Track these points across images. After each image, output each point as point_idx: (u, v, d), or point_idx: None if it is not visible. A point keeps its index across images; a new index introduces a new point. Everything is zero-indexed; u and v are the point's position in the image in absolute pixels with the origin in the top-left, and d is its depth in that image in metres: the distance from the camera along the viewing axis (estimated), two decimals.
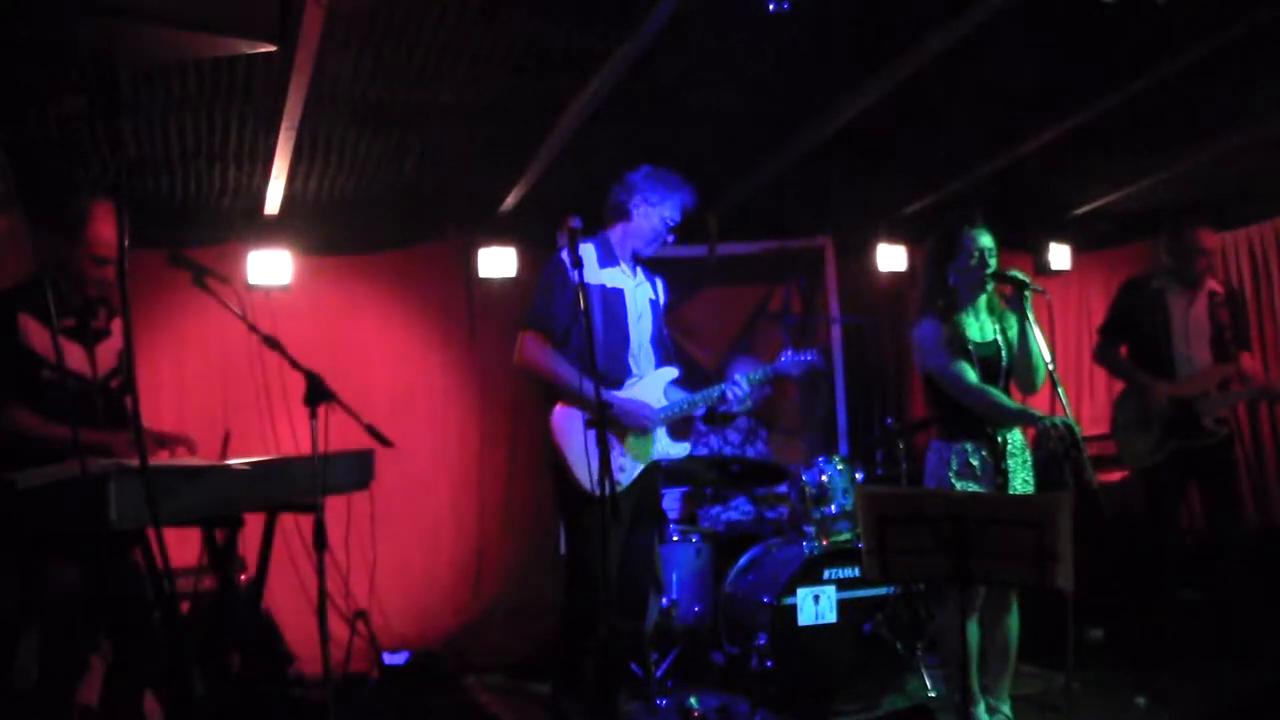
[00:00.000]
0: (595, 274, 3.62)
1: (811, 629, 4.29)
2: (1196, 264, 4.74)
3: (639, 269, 3.82)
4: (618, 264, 3.71)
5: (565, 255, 3.59)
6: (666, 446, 3.71)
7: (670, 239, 3.79)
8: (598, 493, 3.45)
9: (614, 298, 3.65)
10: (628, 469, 3.58)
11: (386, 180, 5.29)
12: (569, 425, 3.55)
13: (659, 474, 3.79)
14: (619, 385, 3.62)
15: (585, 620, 3.53)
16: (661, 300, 3.92)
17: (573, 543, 3.64)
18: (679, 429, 3.82)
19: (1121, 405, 4.91)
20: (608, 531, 3.19)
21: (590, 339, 3.16)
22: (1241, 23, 4.08)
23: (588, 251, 3.63)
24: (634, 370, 3.69)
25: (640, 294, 3.78)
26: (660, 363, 3.79)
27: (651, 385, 3.71)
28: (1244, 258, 6.36)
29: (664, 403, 3.71)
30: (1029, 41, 4.24)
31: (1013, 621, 3.75)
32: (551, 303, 3.61)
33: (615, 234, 3.76)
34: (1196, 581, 4.90)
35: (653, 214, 3.71)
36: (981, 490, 3.62)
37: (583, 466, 3.50)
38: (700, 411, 3.82)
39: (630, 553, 3.65)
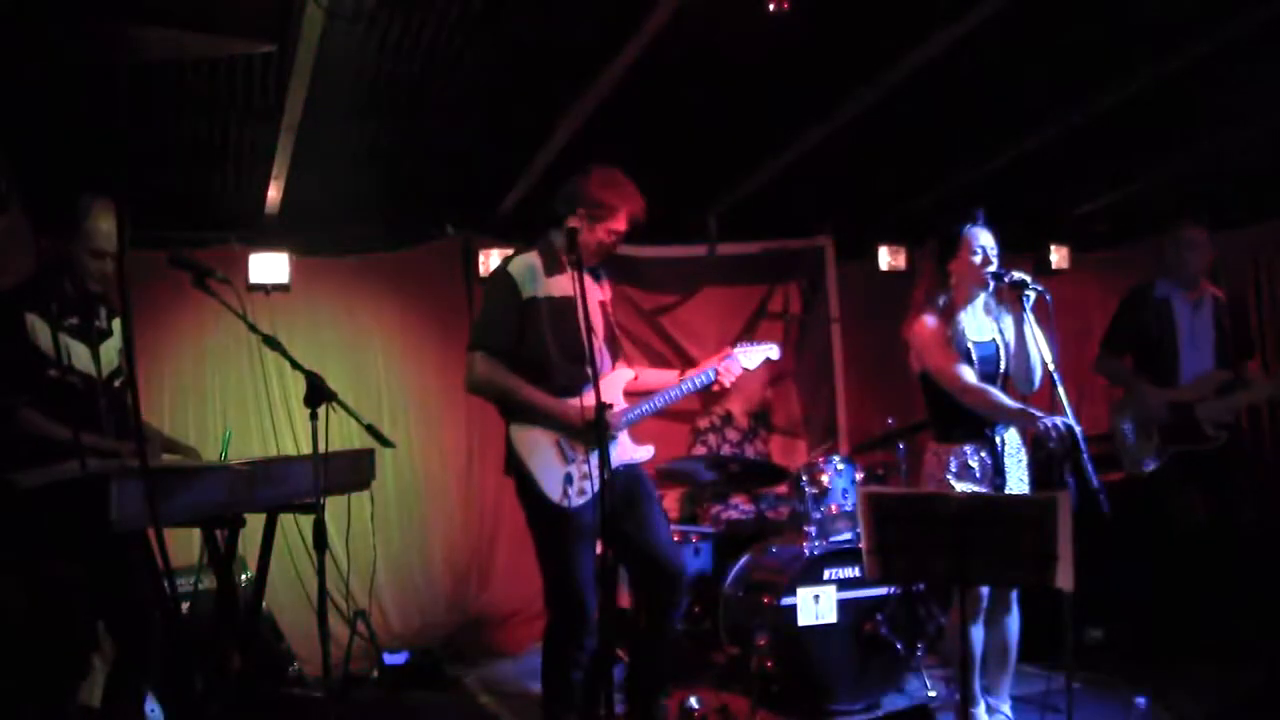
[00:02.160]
0: (542, 284, 3.51)
1: (811, 629, 4.29)
2: (1193, 261, 4.75)
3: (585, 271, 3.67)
4: (565, 271, 3.54)
5: (513, 267, 3.53)
6: (630, 451, 3.64)
7: (616, 250, 3.65)
8: (567, 505, 3.43)
9: (563, 306, 3.50)
10: (593, 478, 3.48)
11: (387, 180, 5.29)
12: (529, 439, 3.50)
13: (634, 475, 3.68)
14: (577, 394, 3.48)
15: (569, 633, 3.49)
16: (609, 298, 3.81)
17: (546, 557, 3.55)
18: (639, 432, 3.77)
19: (1121, 411, 4.91)
20: (610, 540, 3.15)
21: (590, 346, 3.11)
22: (1241, 22, 4.08)
23: (527, 262, 3.54)
24: (593, 374, 3.60)
25: (592, 295, 3.62)
26: (614, 363, 3.71)
27: (609, 388, 3.61)
28: (1245, 258, 6.34)
29: (623, 404, 3.64)
30: (1029, 41, 4.25)
31: (1012, 622, 3.75)
32: (496, 318, 3.51)
33: (559, 241, 3.58)
34: (1196, 581, 4.89)
35: (597, 229, 3.54)
36: (980, 491, 3.62)
37: (549, 478, 3.46)
38: (669, 399, 3.74)
39: (650, 529, 3.61)
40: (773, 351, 3.94)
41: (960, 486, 3.63)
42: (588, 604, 3.42)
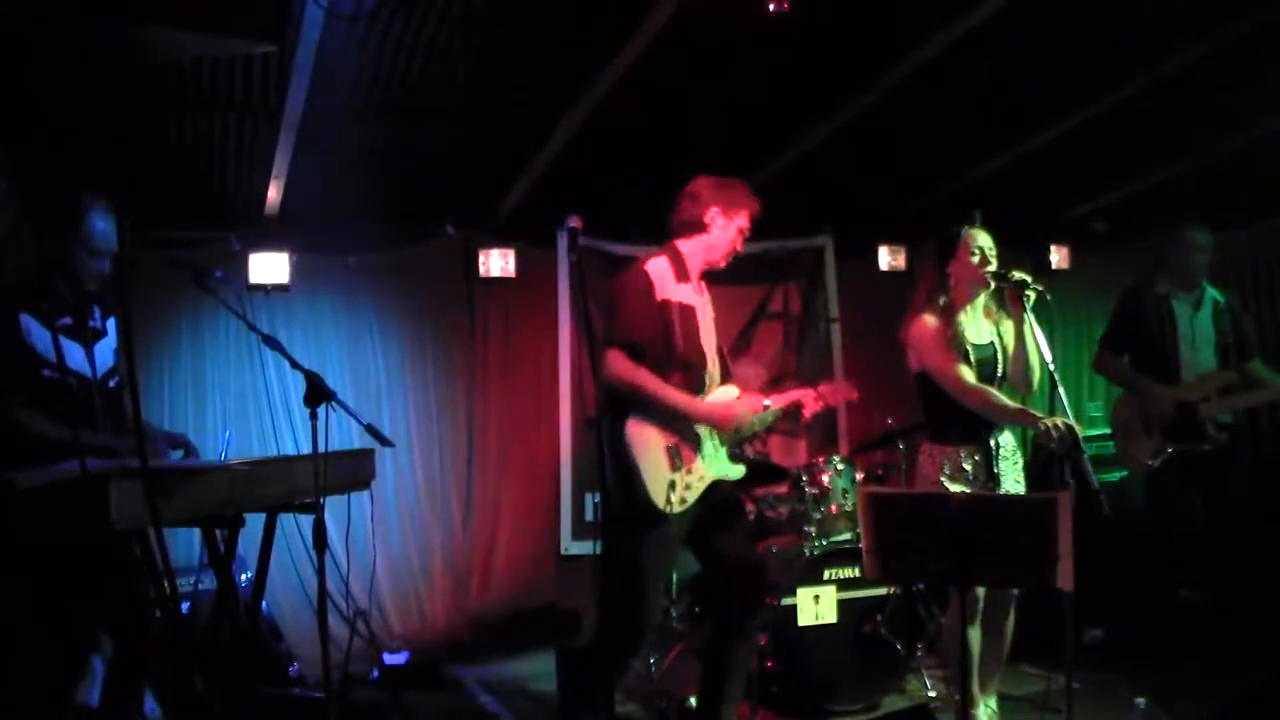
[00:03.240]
0: (673, 290, 3.53)
1: (811, 629, 4.29)
2: (1193, 262, 4.75)
3: (702, 284, 3.73)
4: (690, 280, 3.61)
5: (650, 268, 3.53)
6: (726, 467, 3.63)
7: (740, 248, 3.68)
8: (669, 509, 3.42)
9: (689, 314, 3.56)
10: (694, 486, 3.50)
11: (386, 180, 5.29)
12: (644, 437, 3.46)
13: (731, 492, 3.72)
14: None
15: (628, 641, 3.47)
16: (715, 315, 3.83)
17: (627, 561, 3.48)
18: (736, 450, 3.78)
19: (1122, 410, 4.90)
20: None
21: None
22: (1242, 22, 4.08)
23: (661, 266, 3.56)
24: (708, 385, 3.62)
25: (707, 310, 3.71)
26: (723, 379, 3.71)
27: (722, 400, 3.64)
28: (1245, 258, 6.35)
29: None
30: (1029, 41, 4.25)
31: (1010, 626, 3.76)
32: (636, 316, 3.49)
33: (688, 247, 3.63)
34: (1196, 581, 4.90)
35: (730, 225, 3.60)
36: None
37: (655, 481, 3.43)
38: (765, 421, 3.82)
39: (737, 544, 3.64)
40: (853, 394, 4.01)
41: (953, 488, 3.64)
42: (654, 617, 3.43)
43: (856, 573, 4.34)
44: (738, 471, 3.68)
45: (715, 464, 3.60)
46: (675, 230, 3.66)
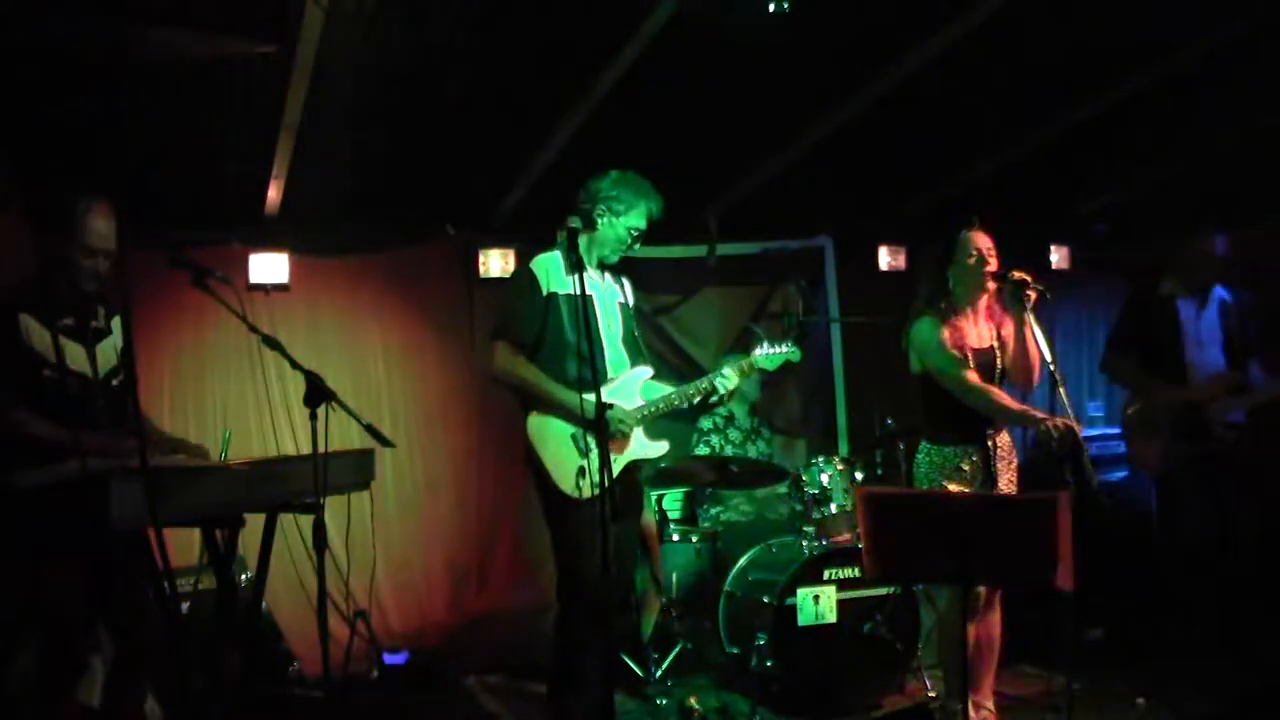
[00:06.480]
0: (562, 282, 3.65)
1: (811, 629, 4.29)
2: (1207, 271, 4.73)
3: (605, 272, 3.83)
4: (584, 269, 3.62)
5: (535, 264, 3.66)
6: (644, 447, 3.72)
7: (636, 246, 3.78)
8: (579, 496, 3.50)
9: (580, 304, 3.57)
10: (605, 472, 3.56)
11: (386, 181, 5.29)
12: (545, 431, 3.60)
13: (638, 472, 3.80)
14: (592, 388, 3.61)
15: (581, 621, 3.55)
16: (630, 301, 3.93)
17: (560, 546, 3.65)
18: (654, 427, 3.82)
19: (1130, 411, 4.89)
20: (606, 530, 3.19)
21: (591, 345, 3.18)
22: (1242, 22, 4.08)
23: (553, 259, 3.67)
24: (608, 374, 3.71)
25: (609, 297, 3.80)
26: (633, 363, 3.80)
27: (626, 387, 3.72)
28: (1245, 258, 6.32)
29: (639, 402, 3.72)
30: (1029, 42, 4.25)
31: (995, 618, 3.76)
32: (519, 312, 3.64)
33: (581, 241, 3.69)
34: (1197, 582, 4.89)
35: (618, 224, 3.71)
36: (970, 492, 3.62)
37: (562, 470, 3.54)
38: (684, 406, 3.83)
39: (615, 549, 3.66)
40: (794, 354, 4.00)
41: (952, 488, 3.64)
42: (601, 589, 3.46)
43: (856, 573, 4.34)
44: (657, 449, 3.77)
45: (629, 444, 3.67)
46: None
